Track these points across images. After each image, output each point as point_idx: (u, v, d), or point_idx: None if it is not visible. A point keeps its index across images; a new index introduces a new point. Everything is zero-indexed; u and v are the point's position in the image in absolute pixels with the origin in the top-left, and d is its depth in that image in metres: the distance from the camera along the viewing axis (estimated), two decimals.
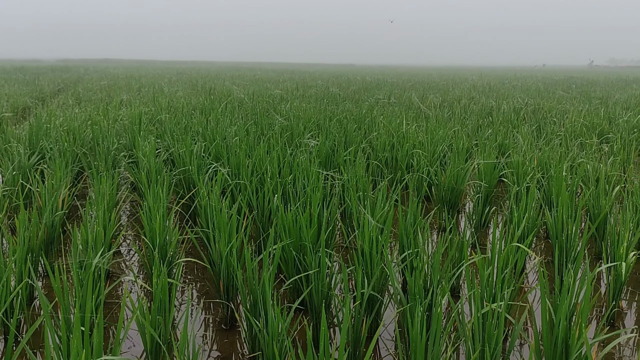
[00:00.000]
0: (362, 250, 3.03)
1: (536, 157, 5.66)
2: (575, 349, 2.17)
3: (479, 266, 2.68)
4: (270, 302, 2.41)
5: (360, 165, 4.93)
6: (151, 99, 11.51)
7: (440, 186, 5.08)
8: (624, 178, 5.78)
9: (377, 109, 10.18)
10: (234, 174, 4.93)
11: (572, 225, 3.56)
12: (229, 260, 3.04)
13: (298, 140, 6.53)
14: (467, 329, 2.33)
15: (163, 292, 2.54)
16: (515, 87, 21.56)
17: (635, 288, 3.71)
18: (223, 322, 3.15)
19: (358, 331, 2.67)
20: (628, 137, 7.67)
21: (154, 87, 16.78)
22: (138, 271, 3.91)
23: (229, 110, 9.58)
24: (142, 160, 5.05)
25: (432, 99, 13.50)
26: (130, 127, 6.92)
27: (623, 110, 10.94)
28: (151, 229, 3.26)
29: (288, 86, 19.43)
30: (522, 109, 10.95)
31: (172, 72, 36.30)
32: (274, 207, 3.92)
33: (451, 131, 7.59)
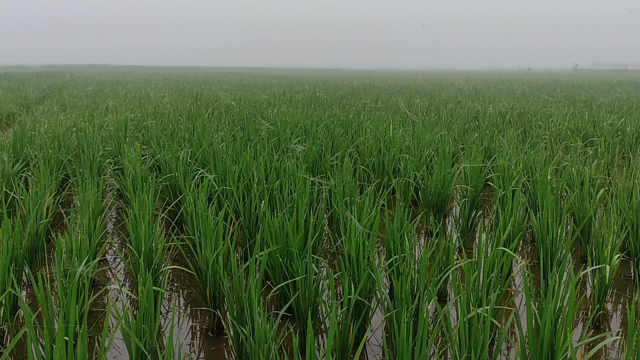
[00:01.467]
0: (349, 256, 3.03)
1: (521, 161, 5.70)
2: (560, 353, 2.18)
3: (465, 270, 2.69)
4: (256, 309, 2.40)
5: (347, 171, 4.94)
6: (137, 105, 11.44)
7: (427, 190, 5.10)
8: (608, 181, 5.84)
9: (364, 114, 10.21)
10: (220, 180, 4.91)
11: (556, 228, 3.59)
12: (215, 267, 3.02)
13: (285, 145, 6.52)
14: (454, 334, 2.33)
15: (148, 301, 2.52)
16: (501, 90, 21.74)
17: (620, 290, 3.74)
18: (210, 330, 3.13)
19: (345, 337, 2.67)
20: (612, 140, 7.76)
21: (141, 93, 16.70)
22: (124, 279, 3.88)
23: (215, 115, 9.56)
24: (128, 167, 5.02)
25: (419, 103, 13.57)
26: (115, 133, 6.87)
27: (607, 114, 11.06)
28: (136, 236, 3.23)
29: (275, 91, 19.42)
30: (508, 113, 11.04)
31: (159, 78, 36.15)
32: (260, 213, 3.91)
33: (438, 135, 7.62)
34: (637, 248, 3.82)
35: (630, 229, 3.87)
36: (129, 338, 2.42)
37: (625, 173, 5.53)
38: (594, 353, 2.62)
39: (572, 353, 2.02)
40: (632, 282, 3.87)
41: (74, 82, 27.35)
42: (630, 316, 2.18)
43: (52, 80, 28.39)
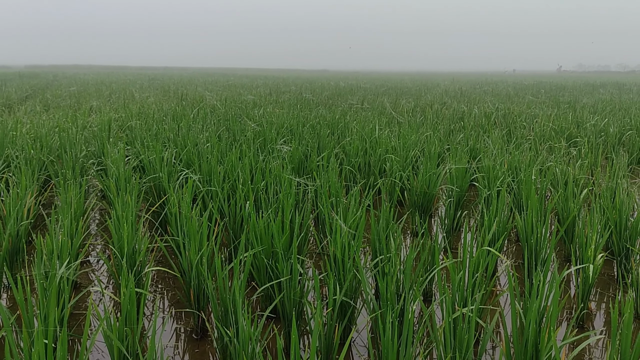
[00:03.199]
0: (335, 257, 3.01)
1: (506, 161, 5.73)
2: (545, 352, 2.18)
3: (450, 270, 2.68)
4: (240, 311, 2.37)
5: (332, 171, 4.92)
6: (122, 105, 11.34)
7: (412, 191, 5.11)
8: (592, 181, 5.89)
9: (350, 115, 10.21)
10: (205, 180, 4.87)
11: (541, 228, 3.61)
12: (199, 268, 2.99)
13: (271, 146, 6.50)
14: (439, 334, 2.33)
15: (131, 303, 2.48)
16: (486, 92, 21.89)
17: (604, 289, 3.77)
18: (194, 331, 3.10)
19: (330, 338, 2.65)
20: (595, 141, 7.84)
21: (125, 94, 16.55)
22: (107, 281, 3.83)
23: (201, 116, 9.50)
24: (111, 168, 4.96)
25: (405, 104, 13.61)
26: (99, 134, 6.79)
27: (590, 115, 11.18)
28: (119, 237, 3.19)
29: (261, 92, 19.37)
30: (493, 114, 11.11)
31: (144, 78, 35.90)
32: (245, 214, 3.88)
33: (423, 136, 7.64)
34: (620, 247, 3.85)
35: (613, 228, 3.90)
36: (110, 341, 2.38)
37: (608, 173, 5.59)
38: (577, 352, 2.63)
39: (556, 353, 2.03)
40: (615, 281, 3.90)
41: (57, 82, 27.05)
42: (613, 315, 2.19)
43: (35, 81, 28.04)
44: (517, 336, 2.28)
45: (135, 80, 30.97)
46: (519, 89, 24.58)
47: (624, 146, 8.51)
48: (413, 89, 23.65)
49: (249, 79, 37.64)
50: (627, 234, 3.85)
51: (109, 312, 2.41)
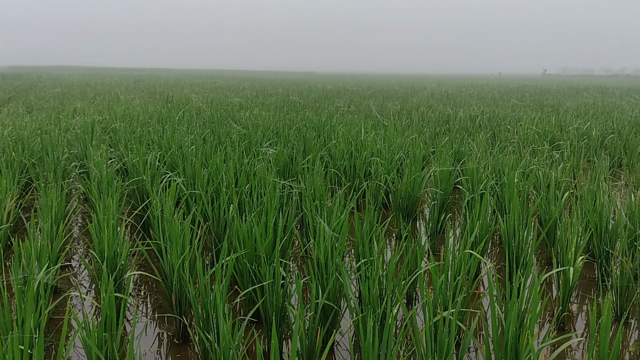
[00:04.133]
0: (318, 260, 3.01)
1: (490, 164, 5.77)
2: (524, 354, 2.20)
3: (432, 273, 2.69)
4: (221, 315, 2.36)
5: (317, 174, 4.92)
6: (106, 107, 11.25)
7: (397, 193, 5.12)
8: (574, 184, 5.95)
9: (336, 117, 10.22)
10: (189, 183, 4.84)
11: (522, 231, 3.63)
12: (180, 273, 2.97)
13: (256, 148, 6.48)
14: (420, 337, 2.33)
15: (110, 307, 2.45)
16: (472, 95, 22.05)
17: (585, 292, 3.80)
18: (176, 336, 3.08)
19: (313, 341, 2.64)
20: (577, 144, 7.93)
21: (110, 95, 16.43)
22: (89, 285, 3.79)
23: (186, 118, 9.45)
24: (93, 171, 4.91)
25: (391, 107, 13.66)
26: (82, 136, 6.72)
27: (573, 118, 11.30)
28: (100, 241, 3.16)
29: (248, 94, 19.33)
30: (478, 117, 11.18)
31: (130, 80, 35.65)
32: (229, 217, 3.86)
33: (409, 139, 7.67)
34: (600, 250, 3.89)
35: (594, 231, 3.94)
36: (89, 347, 2.35)
37: (590, 176, 5.65)
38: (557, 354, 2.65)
39: (533, 356, 2.04)
40: (596, 284, 3.94)
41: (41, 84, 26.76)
42: (591, 317, 2.21)
43: (19, 82, 27.72)
44: (497, 338, 2.30)
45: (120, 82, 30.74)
46: (504, 92, 24.78)
47: (606, 149, 8.61)
48: (400, 91, 23.75)
49: (236, 81, 37.55)
50: (608, 236, 3.89)
51: (88, 317, 2.39)
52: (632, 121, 10.79)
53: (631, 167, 7.21)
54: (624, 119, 11.39)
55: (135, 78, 40.55)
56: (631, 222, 4.03)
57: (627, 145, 8.17)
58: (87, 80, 31.80)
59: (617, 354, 2.25)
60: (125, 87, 23.52)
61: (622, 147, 8.24)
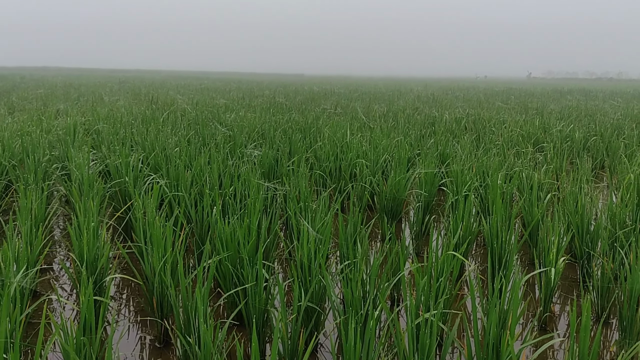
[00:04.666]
0: (302, 262, 2.99)
1: (474, 166, 5.80)
2: (505, 355, 2.20)
3: (415, 275, 2.69)
4: (202, 319, 2.34)
5: (302, 176, 4.91)
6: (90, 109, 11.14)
7: (382, 195, 5.12)
8: (557, 186, 6.00)
9: (323, 119, 10.22)
10: (173, 185, 4.80)
11: (505, 232, 3.65)
12: (162, 276, 2.94)
13: (240, 150, 6.45)
14: (402, 339, 2.33)
15: (89, 311, 2.42)
16: (457, 97, 22.18)
17: (568, 293, 3.83)
18: (157, 340, 3.04)
19: (295, 344, 2.63)
20: (561, 146, 8.00)
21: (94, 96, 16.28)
22: (70, 289, 3.74)
23: (171, 120, 9.39)
24: (74, 172, 4.85)
25: (378, 109, 13.69)
26: (64, 137, 6.65)
27: (557, 120, 11.41)
28: (80, 244, 3.12)
29: (234, 96, 19.27)
30: (464, 119, 11.24)
31: (115, 81, 35.38)
32: (212, 219, 3.83)
33: (394, 141, 7.69)
34: (582, 251, 3.92)
35: (575, 232, 3.97)
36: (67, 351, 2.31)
37: (572, 178, 5.70)
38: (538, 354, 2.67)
39: (513, 357, 2.04)
40: (578, 285, 3.97)
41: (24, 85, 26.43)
42: (571, 317, 2.22)
43: (1, 83, 27.38)
44: (478, 339, 2.30)
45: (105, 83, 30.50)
46: (490, 95, 24.96)
47: (588, 151, 8.70)
48: (386, 94, 23.82)
49: (222, 83, 37.42)
50: (589, 237, 3.92)
51: (66, 321, 2.35)
52: (614, 124, 10.92)
53: (613, 169, 7.29)
54: (606, 121, 11.52)
55: (120, 79, 40.26)
56: (611, 224, 4.07)
57: (609, 147, 8.26)
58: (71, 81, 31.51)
59: (597, 354, 2.26)
60: (109, 89, 23.33)
61: (604, 149, 8.33)
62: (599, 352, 2.97)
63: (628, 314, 2.92)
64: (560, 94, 28.91)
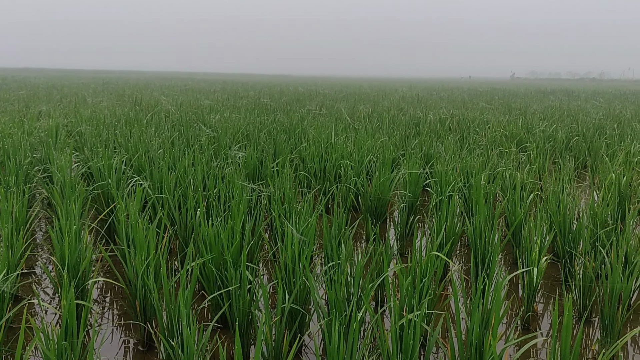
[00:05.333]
0: (286, 264, 2.99)
1: (458, 167, 5.83)
2: (488, 354, 2.22)
3: (399, 276, 2.70)
4: (185, 321, 2.32)
5: (286, 177, 4.90)
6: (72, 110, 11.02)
7: (366, 196, 5.13)
8: (539, 186, 6.05)
9: (307, 120, 10.21)
10: (156, 187, 4.77)
11: (488, 232, 3.68)
12: (144, 279, 2.92)
13: (225, 151, 6.42)
14: (386, 339, 2.33)
15: (70, 315, 2.39)
16: (442, 98, 22.30)
17: (551, 292, 3.86)
18: (141, 343, 3.02)
19: (279, 346, 2.62)
20: (543, 146, 8.08)
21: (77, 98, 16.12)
22: (53, 293, 3.70)
23: (154, 121, 9.32)
24: (56, 175, 4.80)
25: (363, 110, 13.72)
26: (46, 139, 6.57)
27: (540, 121, 11.52)
28: (61, 247, 3.08)
29: (219, 97, 19.19)
30: (448, 120, 11.31)
31: (98, 82, 35.06)
32: (196, 222, 3.81)
33: (379, 142, 7.70)
34: (564, 250, 3.96)
35: (558, 232, 4.01)
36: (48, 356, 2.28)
37: (555, 178, 5.76)
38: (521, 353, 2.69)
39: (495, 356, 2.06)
40: (560, 284, 4.01)
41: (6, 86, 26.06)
42: (553, 316, 2.24)
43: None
44: (461, 339, 2.31)
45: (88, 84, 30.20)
46: (474, 96, 25.14)
47: (571, 151, 8.80)
48: (371, 94, 23.88)
49: (207, 84, 37.26)
50: (571, 237, 3.96)
51: (47, 325, 2.32)
52: (596, 124, 11.06)
53: (594, 169, 7.38)
54: (588, 121, 11.66)
55: (103, 80, 39.90)
56: (593, 223, 4.12)
57: (591, 147, 8.37)
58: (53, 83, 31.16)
59: (578, 353, 2.29)
60: (93, 90, 23.11)
61: (587, 149, 8.43)
62: (580, 350, 3.01)
63: (609, 312, 2.96)
64: (543, 94, 29.21)
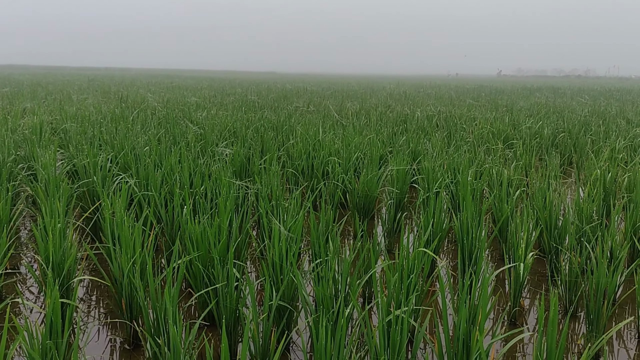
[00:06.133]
0: (273, 261, 2.98)
1: (445, 163, 5.85)
2: (475, 349, 2.22)
3: (386, 272, 2.70)
4: (172, 319, 2.30)
5: (274, 174, 4.89)
6: (57, 107, 10.90)
7: (354, 193, 5.13)
8: (526, 182, 6.10)
9: (295, 117, 10.19)
10: (142, 185, 4.73)
11: (475, 228, 3.69)
12: (130, 277, 2.89)
13: (212, 149, 6.39)
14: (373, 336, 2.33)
15: (55, 314, 2.36)
16: (429, 95, 22.37)
17: (537, 287, 3.89)
18: (127, 342, 2.99)
19: (267, 343, 2.61)
20: (530, 143, 8.13)
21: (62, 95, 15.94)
22: (38, 292, 3.65)
23: (141, 118, 9.25)
24: (40, 172, 4.74)
25: (350, 107, 13.72)
26: (30, 137, 6.49)
27: (526, 117, 11.60)
28: (46, 245, 3.04)
29: (206, 94, 19.10)
30: (435, 117, 11.34)
31: (84, 79, 34.73)
32: (183, 219, 3.79)
33: (367, 139, 7.71)
34: (550, 246, 3.99)
35: (544, 227, 4.04)
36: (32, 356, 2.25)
37: (541, 174, 5.80)
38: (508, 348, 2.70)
39: (482, 351, 2.06)
40: (547, 279, 4.04)
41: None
42: (539, 312, 2.25)
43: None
44: (448, 335, 2.32)
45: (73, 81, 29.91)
46: (461, 93, 25.26)
47: (556, 148, 8.87)
48: (359, 91, 23.89)
49: (194, 81, 37.06)
50: (557, 232, 3.99)
51: (31, 324, 2.29)
52: (582, 120, 11.16)
53: (580, 165, 7.45)
54: (574, 118, 11.76)
55: (89, 77, 39.53)
56: (579, 219, 4.15)
57: (577, 143, 8.44)
58: (38, 80, 30.82)
59: (564, 347, 2.30)
60: (78, 87, 22.89)
61: (572, 145, 8.51)
62: (566, 345, 3.03)
63: (594, 307, 2.99)
64: (529, 91, 29.42)
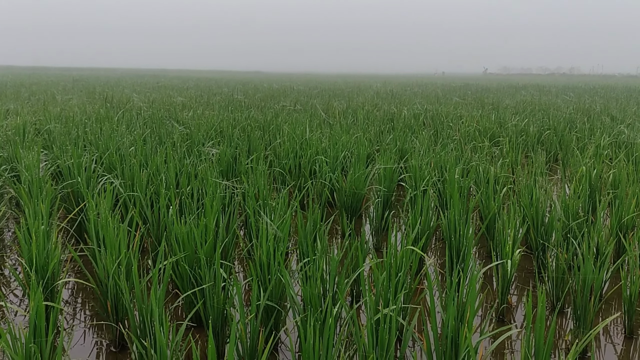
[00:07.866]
0: (261, 261, 2.96)
1: (432, 161, 5.86)
2: (463, 347, 2.22)
3: (374, 270, 2.69)
4: (158, 321, 2.27)
5: (261, 174, 4.86)
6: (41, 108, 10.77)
7: (341, 192, 5.12)
8: (512, 179, 6.13)
9: (282, 116, 10.17)
10: (128, 185, 4.68)
11: (462, 226, 3.70)
12: (115, 278, 2.85)
13: (198, 149, 6.34)
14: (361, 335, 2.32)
15: (39, 317, 2.32)
16: (416, 93, 22.45)
17: (525, 284, 3.91)
18: (113, 344, 2.96)
19: (255, 343, 2.59)
20: (516, 140, 8.18)
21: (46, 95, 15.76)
22: (22, 295, 3.60)
23: (126, 118, 9.17)
24: (24, 174, 4.67)
25: (337, 106, 13.71)
26: (13, 138, 6.40)
27: (512, 115, 11.68)
28: (29, 248, 2.99)
29: (192, 94, 18.99)
30: (422, 115, 11.37)
31: (68, 80, 34.38)
32: (169, 219, 3.75)
33: (354, 137, 7.70)
34: (537, 243, 4.01)
35: (531, 224, 4.06)
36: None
37: (527, 171, 5.83)
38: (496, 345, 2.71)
39: (470, 348, 2.06)
40: (534, 276, 4.06)
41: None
42: (527, 308, 2.26)
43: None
44: (437, 333, 2.31)
45: (58, 82, 29.59)
46: (448, 91, 25.37)
47: (542, 145, 8.94)
48: (346, 90, 23.90)
49: (180, 81, 36.85)
50: (544, 229, 4.01)
51: (15, 327, 2.25)
52: (567, 118, 11.25)
53: (566, 162, 7.50)
54: (559, 115, 11.86)
55: (74, 78, 39.15)
56: (565, 215, 4.18)
57: (562, 140, 8.51)
58: (22, 80, 30.45)
59: (552, 343, 2.31)
60: (62, 87, 22.65)
61: (558, 142, 8.57)
62: (554, 341, 3.05)
63: (581, 303, 3.00)
64: (515, 89, 29.63)
